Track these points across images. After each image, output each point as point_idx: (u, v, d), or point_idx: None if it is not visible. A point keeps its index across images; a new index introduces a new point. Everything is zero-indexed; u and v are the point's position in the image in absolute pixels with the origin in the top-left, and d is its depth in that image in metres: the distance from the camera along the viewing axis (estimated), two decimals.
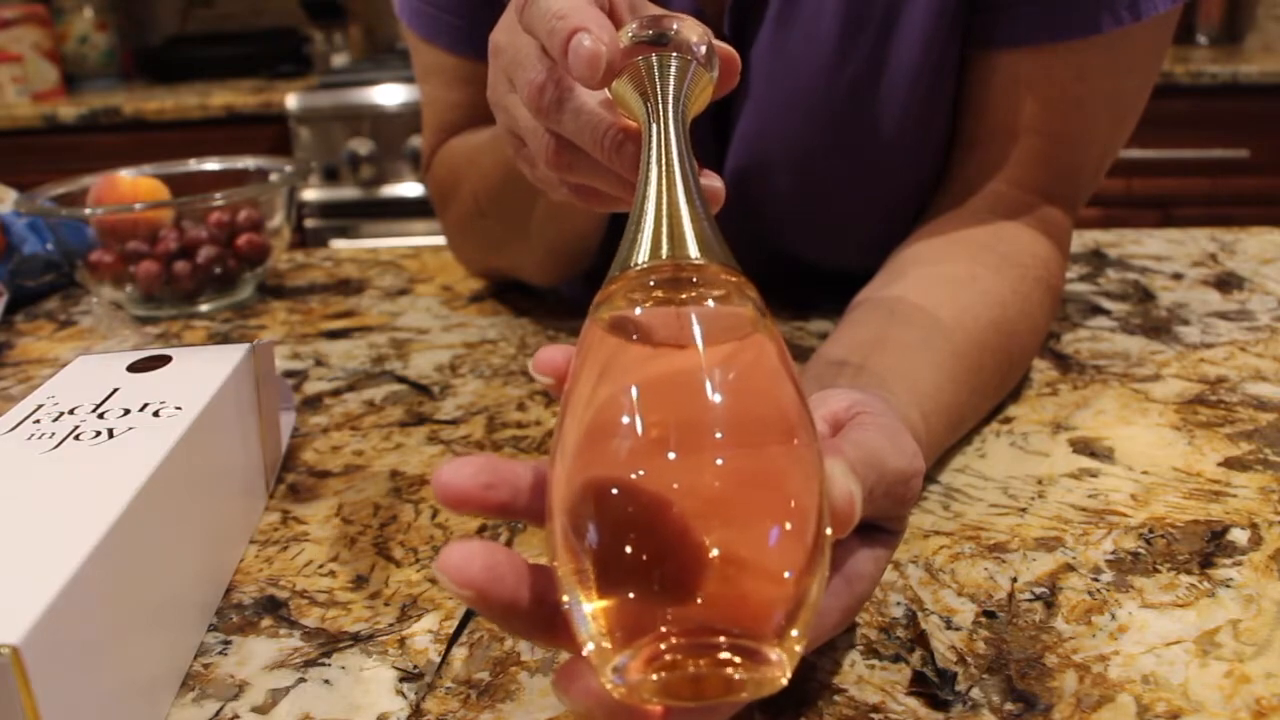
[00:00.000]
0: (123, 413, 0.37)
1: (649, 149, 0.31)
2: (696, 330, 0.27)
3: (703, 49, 0.34)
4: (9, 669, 0.24)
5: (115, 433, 0.36)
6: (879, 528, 0.31)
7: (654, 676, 0.22)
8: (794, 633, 0.23)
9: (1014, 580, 0.38)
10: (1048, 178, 0.55)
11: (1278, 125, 1.90)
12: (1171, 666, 0.33)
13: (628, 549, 0.23)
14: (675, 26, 0.34)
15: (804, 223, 0.63)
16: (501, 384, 0.58)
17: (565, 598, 0.24)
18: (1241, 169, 1.91)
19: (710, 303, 0.27)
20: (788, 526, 0.24)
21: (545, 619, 0.26)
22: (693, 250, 0.28)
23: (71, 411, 0.37)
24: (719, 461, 0.24)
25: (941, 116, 0.57)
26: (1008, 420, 0.50)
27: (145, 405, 0.38)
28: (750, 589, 0.23)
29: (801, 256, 0.66)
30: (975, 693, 0.32)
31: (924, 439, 0.39)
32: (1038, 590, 0.37)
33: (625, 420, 0.25)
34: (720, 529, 0.23)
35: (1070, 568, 0.38)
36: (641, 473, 0.24)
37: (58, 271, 0.79)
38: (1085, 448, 0.47)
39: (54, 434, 0.36)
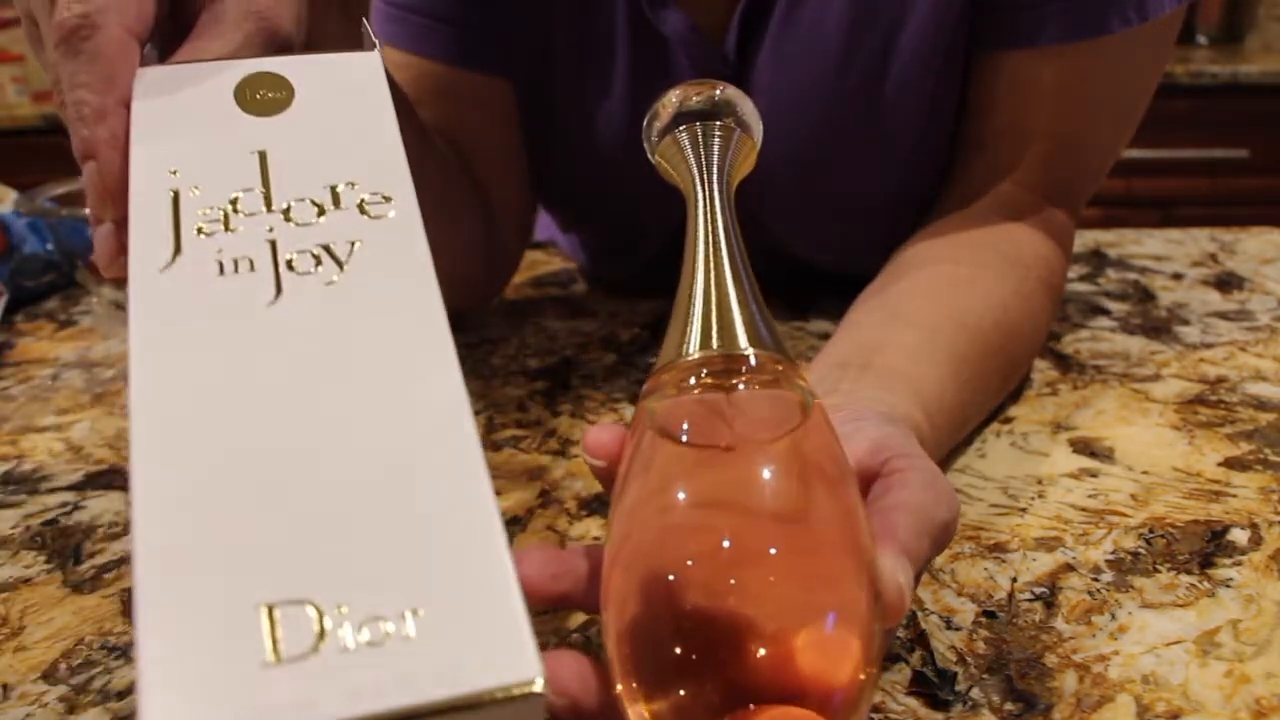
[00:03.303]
0: (315, 210, 0.27)
1: (695, 225, 0.32)
2: (747, 430, 0.27)
3: (746, 115, 0.35)
4: (541, 707, 0.20)
5: (340, 257, 0.25)
6: None
7: None
8: None
9: (1014, 580, 0.38)
10: (1051, 178, 0.55)
11: (1278, 125, 1.90)
12: (1171, 666, 0.33)
13: (683, 651, 0.23)
14: (718, 93, 0.35)
15: (806, 224, 0.63)
16: (501, 384, 0.58)
17: (620, 688, 0.24)
18: (1241, 169, 1.91)
19: (760, 396, 0.28)
20: (840, 628, 0.24)
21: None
22: (742, 340, 0.28)
23: (235, 207, 0.26)
24: (772, 564, 0.24)
25: (946, 118, 0.57)
26: (1008, 420, 0.50)
27: (334, 189, 0.27)
28: (804, 691, 0.23)
29: (803, 257, 0.66)
30: (975, 693, 0.32)
31: (928, 440, 0.39)
32: (1038, 590, 0.37)
33: (680, 525, 0.25)
34: (773, 631, 0.23)
35: (1070, 568, 0.38)
36: (697, 577, 0.24)
37: (58, 271, 0.79)
38: (1085, 448, 0.47)
39: (253, 261, 0.25)
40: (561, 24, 0.60)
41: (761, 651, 0.23)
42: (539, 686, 0.19)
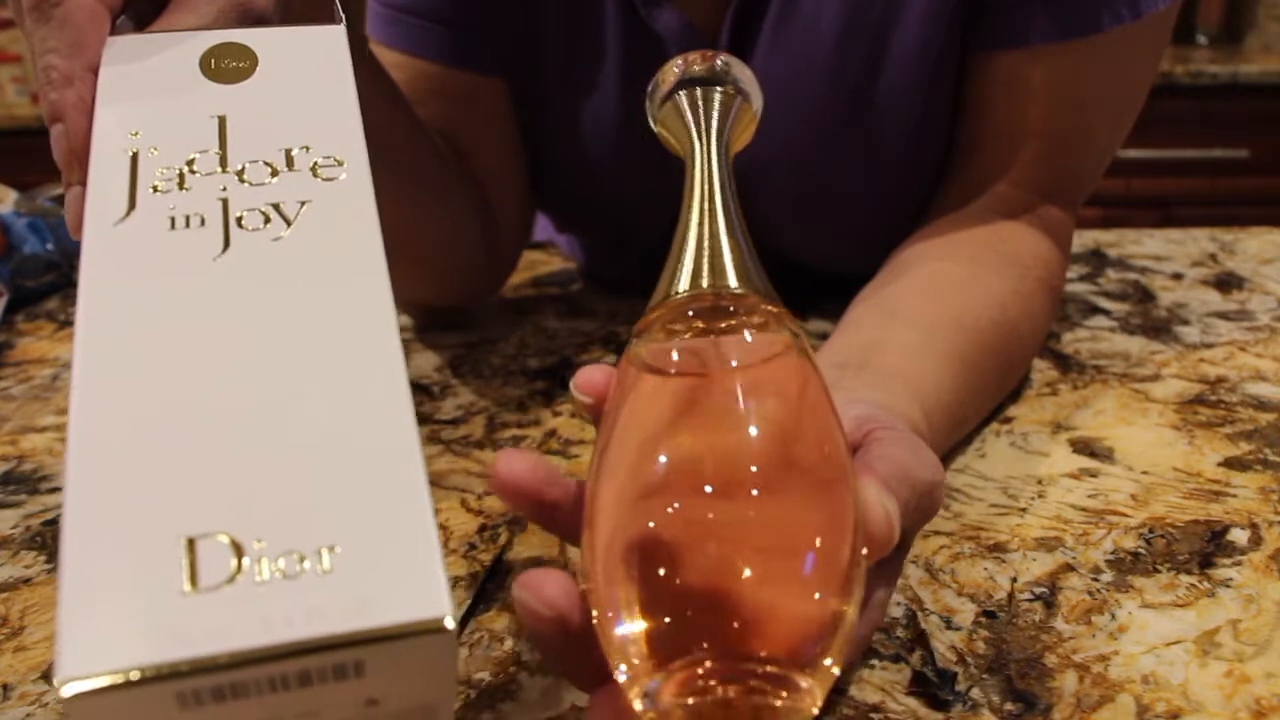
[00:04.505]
0: (268, 171, 0.27)
1: (692, 182, 0.32)
2: (733, 362, 0.27)
3: (747, 85, 0.35)
4: (452, 644, 0.21)
5: (288, 215, 0.26)
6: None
7: (687, 701, 0.23)
8: (827, 661, 0.24)
9: (1014, 580, 0.38)
10: (1049, 177, 0.55)
11: (1278, 125, 1.90)
12: (1171, 666, 0.33)
13: (662, 575, 0.23)
14: (720, 62, 0.35)
15: (803, 225, 0.63)
16: (501, 384, 0.58)
17: (596, 618, 0.24)
18: (1241, 169, 1.91)
19: (748, 333, 0.28)
20: (820, 558, 0.24)
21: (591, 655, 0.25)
22: (732, 280, 0.29)
23: (191, 167, 0.27)
24: (754, 493, 0.24)
25: (941, 118, 0.57)
26: (1008, 420, 0.50)
27: (288, 152, 0.28)
28: (783, 618, 0.23)
29: (801, 258, 0.66)
30: (975, 693, 0.32)
31: (927, 439, 0.39)
32: (1038, 590, 0.37)
33: (665, 453, 0.25)
34: (754, 560, 0.24)
35: (1070, 568, 0.38)
36: (679, 504, 0.24)
37: (58, 271, 0.79)
38: (1085, 448, 0.47)
39: (204, 218, 0.26)
40: (554, 23, 0.60)
41: (739, 583, 0.23)
42: (449, 623, 0.20)
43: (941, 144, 0.58)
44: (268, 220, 0.26)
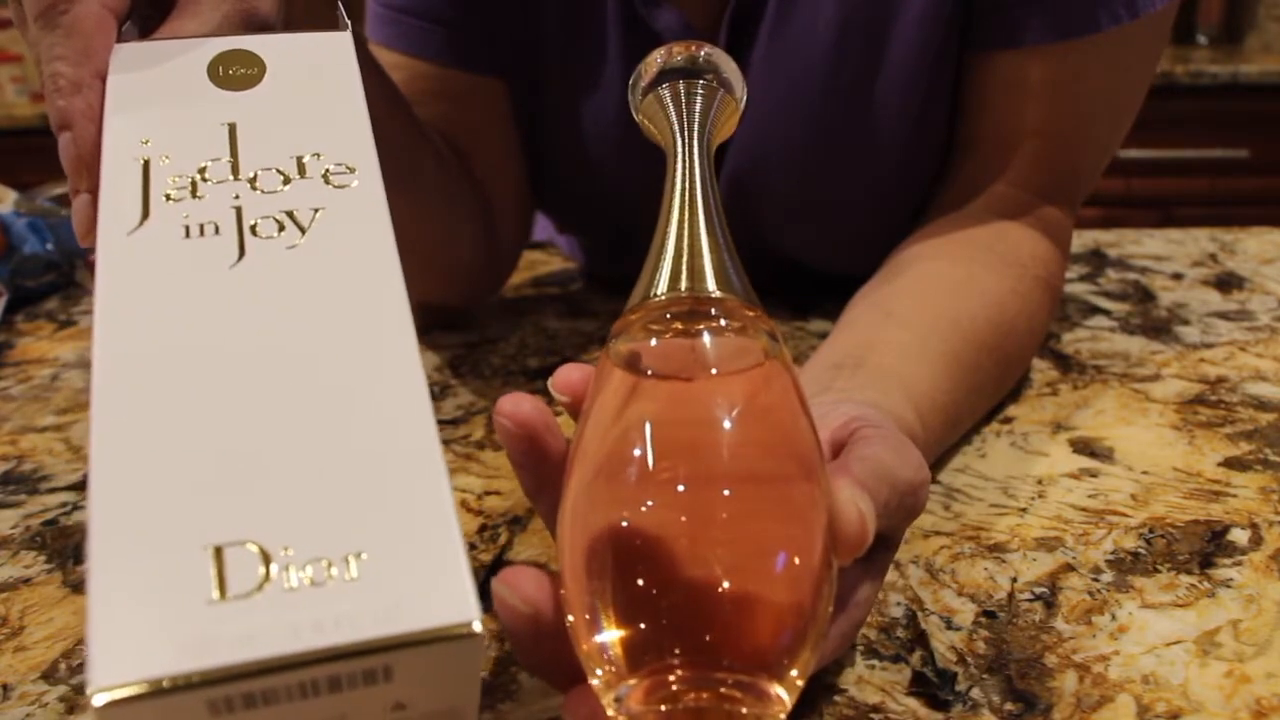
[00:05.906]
0: (280, 179, 0.28)
1: (673, 178, 0.32)
2: (709, 366, 0.27)
3: (730, 75, 0.35)
4: (479, 648, 0.21)
5: (302, 223, 0.26)
6: (874, 546, 0.31)
7: (659, 708, 0.23)
8: (794, 671, 0.24)
9: (1014, 580, 0.38)
10: (1047, 177, 0.55)
11: (1278, 125, 1.90)
12: (1171, 666, 0.33)
13: (634, 581, 0.23)
14: (703, 54, 0.35)
15: (802, 225, 0.63)
16: (501, 384, 0.58)
17: (570, 622, 0.24)
18: (1241, 169, 1.91)
19: (725, 336, 0.28)
20: (792, 563, 0.24)
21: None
22: (710, 284, 0.28)
23: (203, 175, 0.27)
24: (725, 496, 0.24)
25: (939, 118, 0.57)
26: (1008, 420, 0.50)
27: (299, 159, 0.28)
28: (753, 624, 0.23)
29: (800, 259, 0.66)
30: (975, 693, 0.32)
31: (920, 439, 0.39)
32: (1038, 590, 0.37)
33: (637, 455, 0.25)
34: (724, 565, 0.24)
35: (1070, 568, 0.38)
36: (650, 506, 0.24)
37: (58, 271, 0.79)
38: (1085, 448, 0.47)
39: (217, 226, 0.26)
40: (554, 23, 0.60)
41: (707, 589, 0.23)
42: (476, 627, 0.20)
43: (940, 144, 0.59)
44: (282, 228, 0.26)
